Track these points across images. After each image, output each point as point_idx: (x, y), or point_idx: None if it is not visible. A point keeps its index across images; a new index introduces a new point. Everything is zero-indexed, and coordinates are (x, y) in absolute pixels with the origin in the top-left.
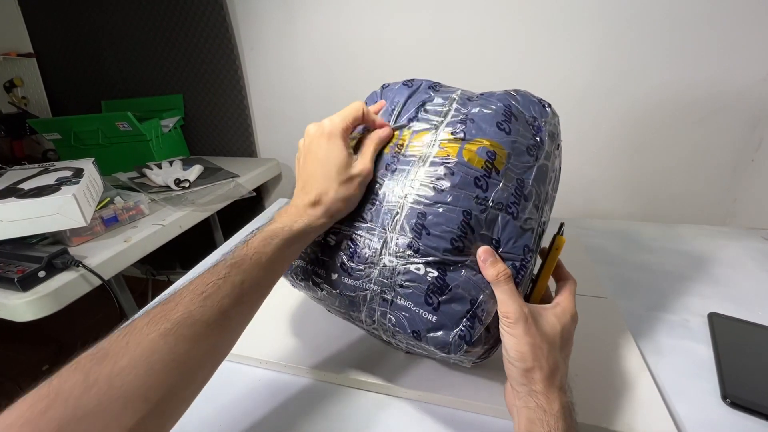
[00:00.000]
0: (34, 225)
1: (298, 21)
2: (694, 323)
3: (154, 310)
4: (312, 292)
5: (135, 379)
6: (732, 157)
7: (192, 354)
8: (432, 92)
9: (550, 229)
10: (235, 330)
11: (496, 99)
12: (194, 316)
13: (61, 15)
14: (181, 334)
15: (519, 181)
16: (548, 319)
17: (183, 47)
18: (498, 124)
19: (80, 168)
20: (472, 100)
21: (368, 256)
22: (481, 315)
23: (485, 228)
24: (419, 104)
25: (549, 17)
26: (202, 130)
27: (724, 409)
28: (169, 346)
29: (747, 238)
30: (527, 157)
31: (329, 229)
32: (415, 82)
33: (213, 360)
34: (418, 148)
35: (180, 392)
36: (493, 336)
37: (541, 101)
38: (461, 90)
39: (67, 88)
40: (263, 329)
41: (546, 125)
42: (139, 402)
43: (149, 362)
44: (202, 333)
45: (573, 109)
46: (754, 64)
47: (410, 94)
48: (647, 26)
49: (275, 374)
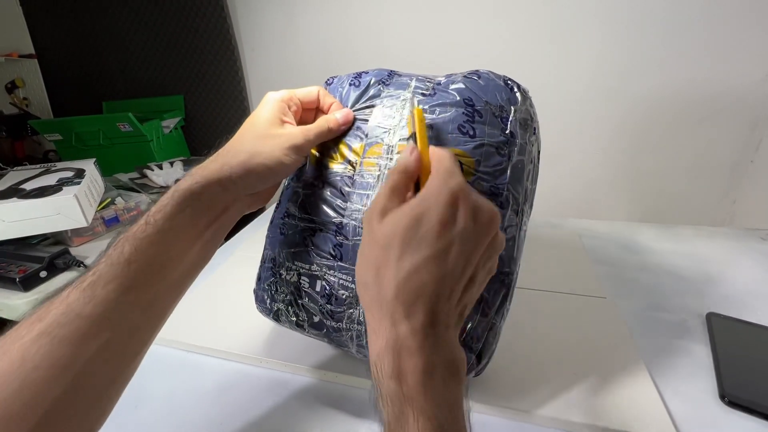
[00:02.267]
0: (35, 225)
1: (299, 22)
2: (693, 323)
3: (35, 309)
4: (299, 332)
5: (6, 397)
6: (731, 158)
7: (77, 357)
8: (381, 89)
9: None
10: (136, 323)
11: (455, 91)
12: (74, 310)
13: (63, 16)
14: (58, 334)
15: (493, 189)
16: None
17: (184, 48)
18: (460, 127)
19: (81, 168)
20: (427, 96)
21: (345, 297)
22: (471, 343)
23: None
24: (368, 106)
25: (550, 17)
26: (203, 131)
27: (721, 409)
28: (43, 350)
29: (746, 238)
30: (498, 158)
31: (300, 271)
32: (363, 80)
33: (112, 363)
34: (374, 167)
35: (72, 405)
36: (475, 353)
37: (508, 82)
38: (416, 80)
39: (68, 89)
40: (264, 328)
41: (516, 113)
42: (14, 425)
43: (22, 373)
44: (85, 330)
45: (573, 109)
46: (754, 65)
47: (359, 96)
48: (647, 27)
49: (277, 373)
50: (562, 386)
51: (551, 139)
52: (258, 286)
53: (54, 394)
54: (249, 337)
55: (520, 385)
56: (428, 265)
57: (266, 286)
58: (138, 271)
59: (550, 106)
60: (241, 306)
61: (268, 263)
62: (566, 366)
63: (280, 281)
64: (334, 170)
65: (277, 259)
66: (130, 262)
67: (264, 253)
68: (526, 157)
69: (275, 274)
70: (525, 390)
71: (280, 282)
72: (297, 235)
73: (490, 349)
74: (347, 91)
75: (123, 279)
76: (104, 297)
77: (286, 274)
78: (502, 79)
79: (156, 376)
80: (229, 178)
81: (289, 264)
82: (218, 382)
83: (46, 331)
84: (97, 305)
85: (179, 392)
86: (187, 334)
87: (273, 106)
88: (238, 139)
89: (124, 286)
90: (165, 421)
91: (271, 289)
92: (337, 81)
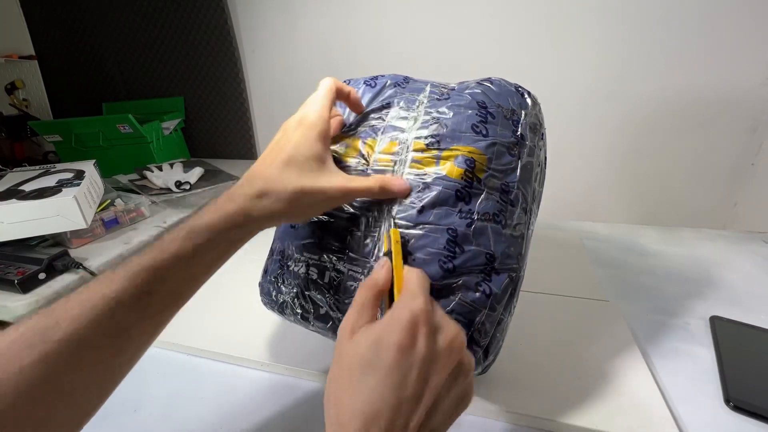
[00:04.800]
0: (34, 227)
1: (300, 24)
2: (696, 326)
3: (31, 323)
4: (303, 326)
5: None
6: (732, 161)
7: (75, 384)
8: (398, 91)
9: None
10: (136, 351)
11: (469, 95)
12: (81, 336)
13: (63, 18)
14: (64, 360)
15: (503, 186)
16: (359, 336)
17: (184, 50)
18: (473, 126)
19: (81, 170)
20: (442, 99)
21: (354, 289)
22: (478, 338)
23: (474, 243)
24: (384, 106)
25: (549, 21)
26: (202, 133)
27: (727, 413)
28: (45, 374)
29: (748, 241)
30: (509, 157)
31: (309, 262)
32: (378, 81)
33: (102, 388)
34: (388, 162)
35: (57, 426)
36: (482, 349)
37: (519, 89)
38: (431, 85)
39: (68, 90)
40: (266, 331)
41: (526, 117)
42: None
43: (16, 393)
44: (90, 358)
45: (574, 112)
46: (754, 68)
47: (374, 96)
48: (647, 30)
49: (279, 377)
50: (566, 390)
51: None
52: (264, 278)
53: (41, 414)
54: (250, 340)
55: (523, 389)
56: (383, 392)
57: (273, 278)
58: (159, 301)
59: (552, 109)
60: (242, 309)
61: (277, 255)
62: (570, 370)
63: (287, 273)
64: (347, 164)
65: (286, 252)
66: (151, 292)
67: (272, 246)
68: (534, 159)
69: (283, 266)
70: (528, 394)
71: (287, 274)
72: (307, 227)
73: (497, 345)
74: (363, 90)
75: (141, 309)
76: (117, 325)
77: (294, 266)
78: (514, 86)
79: (156, 379)
80: (266, 220)
81: (298, 255)
82: (219, 386)
83: (51, 355)
84: (109, 333)
85: (179, 396)
86: (187, 337)
87: (317, 135)
88: (277, 170)
89: (140, 315)
90: (165, 425)
91: (278, 281)
92: (353, 82)
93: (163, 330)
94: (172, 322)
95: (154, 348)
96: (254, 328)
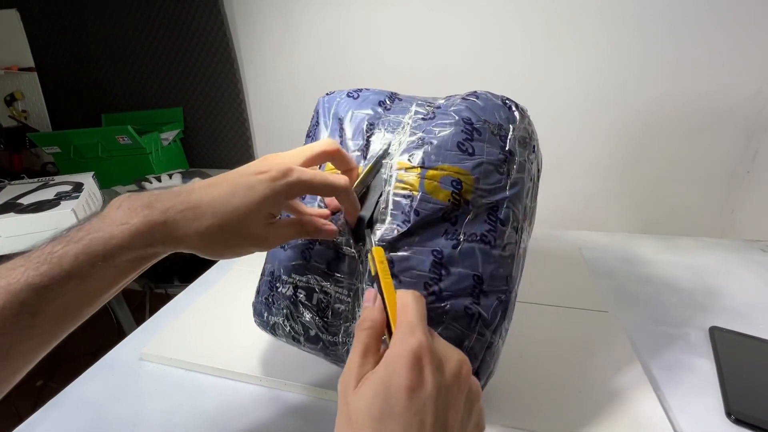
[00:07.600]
0: (33, 240)
1: (298, 35)
2: (695, 337)
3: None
4: (295, 347)
5: None
6: (728, 169)
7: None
8: (382, 109)
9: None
10: (18, 370)
11: (454, 112)
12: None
13: (63, 30)
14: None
15: (492, 206)
16: (358, 391)
17: (183, 61)
18: (459, 144)
19: (80, 182)
20: (427, 119)
21: (341, 311)
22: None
23: (461, 264)
24: (368, 125)
25: (548, 29)
26: (201, 143)
27: (728, 426)
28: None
29: (746, 250)
30: (497, 176)
31: (297, 284)
32: (362, 94)
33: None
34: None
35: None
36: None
37: (506, 102)
38: (417, 102)
39: (67, 102)
40: (264, 346)
41: (515, 131)
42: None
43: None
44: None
45: (571, 120)
46: (749, 77)
47: (355, 109)
48: (645, 40)
49: (277, 392)
50: (565, 403)
51: (550, 151)
52: (256, 299)
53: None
54: (248, 355)
55: (522, 402)
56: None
57: (264, 299)
58: (43, 321)
59: (549, 118)
60: (239, 323)
61: (267, 276)
62: (569, 382)
63: (277, 295)
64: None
65: (275, 273)
66: (35, 313)
67: (264, 267)
68: (525, 174)
69: (272, 287)
70: (527, 407)
71: (277, 296)
72: (296, 248)
73: (488, 369)
74: (345, 102)
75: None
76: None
77: (282, 287)
78: (500, 99)
79: (153, 395)
80: (179, 241)
81: (286, 277)
82: (216, 401)
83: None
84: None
85: (177, 412)
86: (184, 352)
87: (266, 189)
88: (201, 206)
89: (22, 335)
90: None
91: (269, 303)
92: (337, 93)
93: (55, 344)
94: (168, 336)
95: (151, 363)
96: (251, 343)
